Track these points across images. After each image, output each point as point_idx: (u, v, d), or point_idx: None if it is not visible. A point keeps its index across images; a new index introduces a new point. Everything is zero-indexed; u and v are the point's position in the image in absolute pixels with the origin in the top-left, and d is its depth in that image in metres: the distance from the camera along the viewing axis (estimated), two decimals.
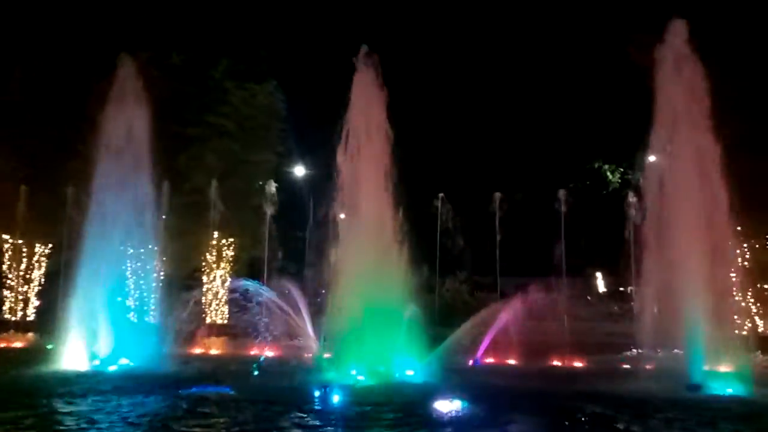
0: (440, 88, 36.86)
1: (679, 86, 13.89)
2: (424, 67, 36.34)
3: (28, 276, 28.78)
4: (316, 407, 10.04)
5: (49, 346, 17.28)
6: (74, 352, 14.79)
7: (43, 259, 29.10)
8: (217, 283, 29.02)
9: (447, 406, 9.95)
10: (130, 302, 16.70)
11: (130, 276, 16.86)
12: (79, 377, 13.15)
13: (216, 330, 24.00)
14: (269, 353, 17.21)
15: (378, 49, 15.35)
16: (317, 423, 8.86)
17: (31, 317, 28.21)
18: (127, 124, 16.24)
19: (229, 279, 28.62)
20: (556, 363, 16.58)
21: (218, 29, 28.25)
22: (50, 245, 28.39)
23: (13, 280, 28.16)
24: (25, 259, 28.43)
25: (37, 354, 16.28)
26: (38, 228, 26.38)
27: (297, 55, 33.92)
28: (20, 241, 27.63)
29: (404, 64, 31.45)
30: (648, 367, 14.77)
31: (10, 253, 28.11)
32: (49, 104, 26.73)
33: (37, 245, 28.77)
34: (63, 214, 22.55)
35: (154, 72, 23.94)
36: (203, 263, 28.47)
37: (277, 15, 33.61)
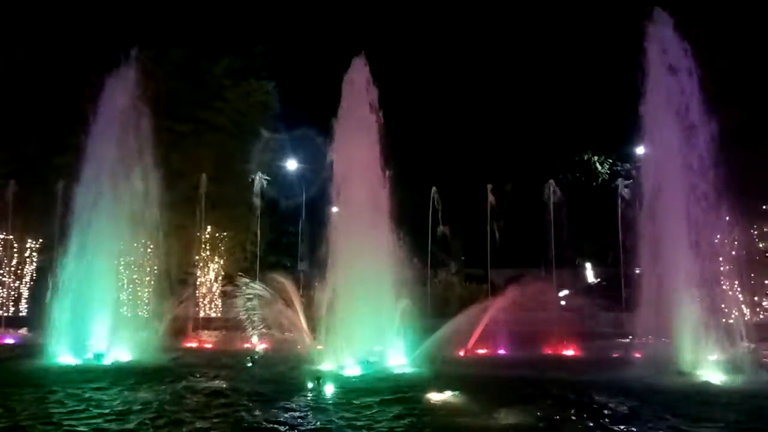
0: (431, 81, 36.90)
1: (669, 76, 13.96)
2: (416, 61, 36.35)
3: (19, 271, 28.72)
4: (310, 399, 10.13)
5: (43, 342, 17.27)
6: (67, 347, 14.81)
7: (34, 254, 29.04)
8: (210, 277, 29.09)
9: (439, 396, 10.08)
10: (123, 296, 16.72)
11: (123, 270, 16.86)
12: (73, 371, 13.19)
13: (210, 323, 24.07)
14: (263, 346, 17.28)
15: (371, 42, 15.46)
16: (310, 414, 8.98)
17: (23, 312, 28.19)
18: (120, 118, 16.22)
19: (222, 273, 28.72)
20: (547, 352, 16.74)
21: (214, 25, 28.14)
22: (41, 240, 28.33)
23: (4, 276, 28.09)
24: (16, 255, 28.36)
25: (30, 349, 16.27)
26: (29, 223, 26.29)
27: (291, 50, 33.86)
28: (11, 237, 27.53)
29: (397, 58, 31.52)
30: (637, 355, 14.99)
31: (0, 248, 28.02)
32: (38, 98, 26.57)
33: (28, 240, 28.70)
34: (54, 209, 22.47)
35: (150, 67, 23.87)
36: (197, 258, 28.49)
37: (272, 10, 33.47)
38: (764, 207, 23.56)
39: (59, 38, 26.17)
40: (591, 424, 8.47)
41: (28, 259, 29.01)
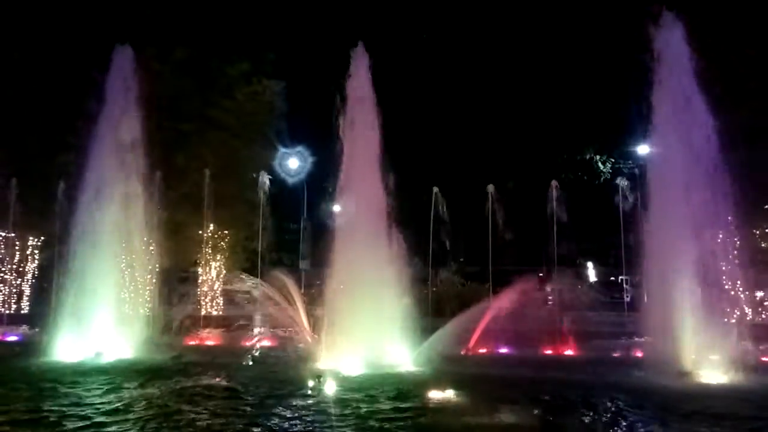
0: (433, 80, 36.80)
1: (675, 75, 13.90)
2: (417, 59, 36.28)
3: (21, 269, 28.74)
4: (310, 397, 10.12)
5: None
6: (68, 344, 14.81)
7: (35, 252, 29.07)
8: (212, 275, 29.07)
9: (440, 395, 10.07)
10: (124, 294, 16.73)
11: (124, 268, 16.87)
12: (74, 368, 13.18)
13: (211, 321, 24.06)
14: (264, 344, 17.27)
15: (372, 41, 15.39)
16: (310, 413, 8.96)
17: (24, 310, 28.23)
18: (123, 116, 16.24)
19: (224, 271, 28.70)
20: (548, 352, 16.72)
21: (222, 24, 28.03)
22: (42, 238, 28.36)
23: (6, 274, 28.12)
24: (18, 253, 28.37)
25: (31, 346, 16.28)
26: (30, 221, 26.29)
27: (293, 49, 33.75)
28: (12, 235, 27.53)
29: (398, 56, 31.47)
30: (638, 355, 14.97)
31: (2, 246, 28.03)
32: (39, 96, 26.56)
33: (30, 238, 28.72)
34: (55, 207, 22.47)
35: (155, 65, 23.83)
36: (199, 256, 28.47)
37: (275, 10, 33.36)
38: (767, 207, 23.50)
39: (60, 35, 26.09)
40: (591, 424, 8.45)
41: (29, 257, 29.02)
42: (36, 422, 8.22)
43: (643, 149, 18.28)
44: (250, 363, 14.06)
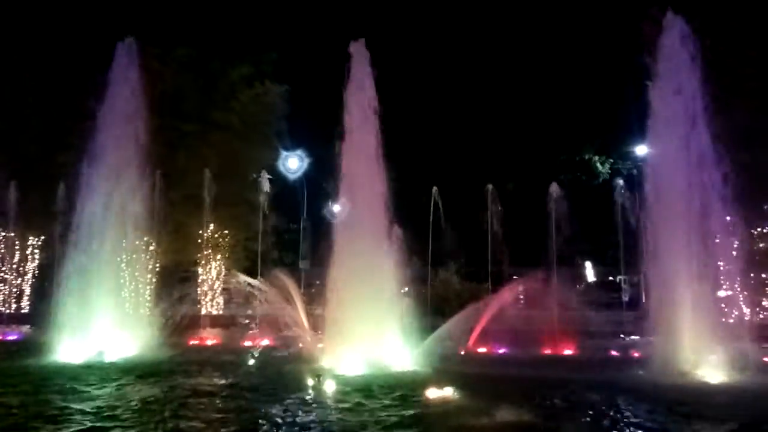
0: (433, 80, 36.89)
1: (674, 76, 13.93)
2: (418, 60, 36.35)
3: (21, 269, 28.79)
4: (310, 396, 10.17)
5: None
6: (69, 344, 14.85)
7: (36, 251, 29.12)
8: (212, 274, 29.12)
9: (439, 394, 10.10)
10: (125, 293, 16.77)
11: (125, 268, 16.90)
12: (75, 368, 13.22)
13: (212, 321, 24.12)
14: (264, 343, 17.32)
15: (372, 40, 15.42)
16: (310, 412, 9.01)
17: (25, 309, 28.27)
18: (124, 115, 16.26)
19: (224, 271, 28.75)
20: (547, 351, 16.77)
21: (225, 25, 28.08)
22: (42, 237, 28.42)
23: (6, 273, 28.17)
24: (18, 252, 28.42)
25: (32, 346, 16.32)
26: (30, 221, 26.34)
27: (295, 50, 33.80)
28: (12, 234, 27.57)
29: (398, 56, 31.49)
30: (637, 354, 15.02)
31: (3, 246, 28.09)
32: (39, 96, 26.61)
33: (30, 238, 28.78)
34: (55, 207, 22.51)
35: (156, 65, 23.87)
36: (199, 255, 28.53)
37: (275, 9, 33.43)
38: (766, 207, 23.54)
39: (61, 35, 26.10)
40: (590, 424, 8.50)
41: (30, 257, 29.09)
42: (37, 422, 8.25)
43: (641, 150, 18.32)
44: (251, 362, 14.11)
